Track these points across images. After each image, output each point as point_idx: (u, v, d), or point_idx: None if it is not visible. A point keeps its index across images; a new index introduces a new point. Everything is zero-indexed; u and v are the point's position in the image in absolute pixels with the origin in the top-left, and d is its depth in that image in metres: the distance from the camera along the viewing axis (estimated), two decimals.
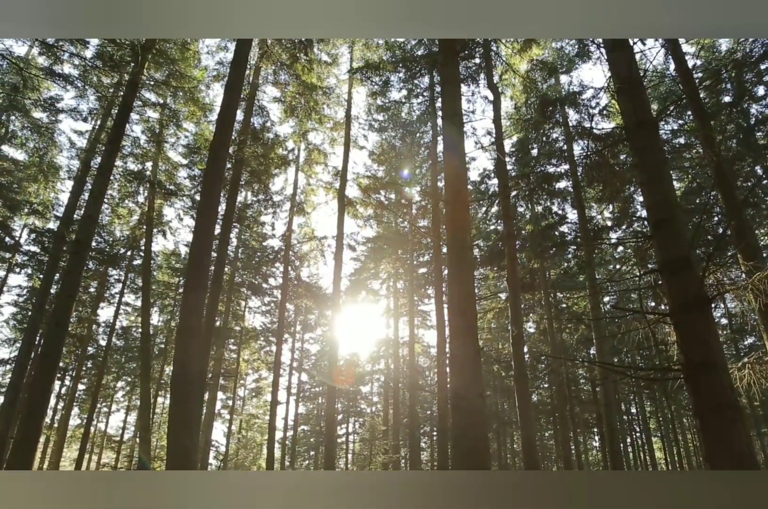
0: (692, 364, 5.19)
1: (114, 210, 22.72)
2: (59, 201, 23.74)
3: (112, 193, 21.34)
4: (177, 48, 17.71)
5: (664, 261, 5.74)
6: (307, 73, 18.49)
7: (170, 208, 23.76)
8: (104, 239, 26.99)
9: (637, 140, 6.44)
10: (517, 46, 17.06)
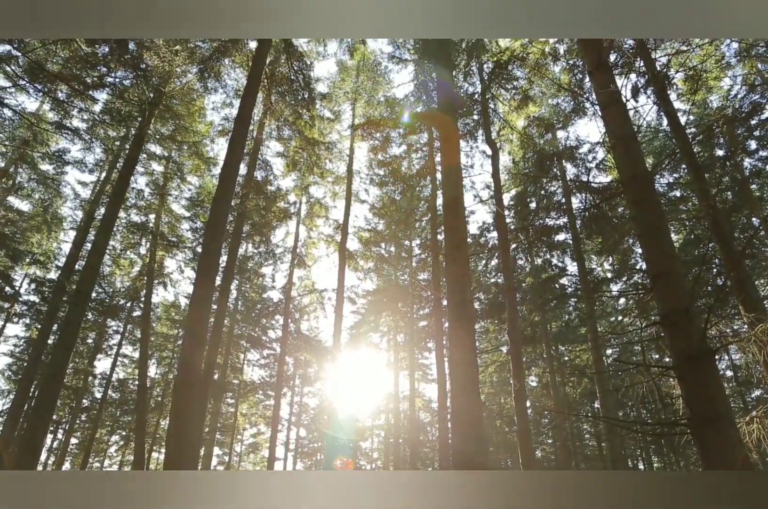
0: (698, 418, 5.03)
1: (115, 261, 22.79)
2: (61, 251, 23.88)
3: (114, 244, 21.47)
4: (183, 103, 18.14)
5: (665, 313, 5.65)
6: (309, 129, 18.83)
7: (171, 259, 23.86)
8: (105, 289, 26.94)
9: (634, 194, 6.43)
10: (514, 103, 17.45)
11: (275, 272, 26.83)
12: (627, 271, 20.37)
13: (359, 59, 22.26)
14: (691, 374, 5.31)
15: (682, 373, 5.41)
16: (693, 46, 14.17)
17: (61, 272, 20.48)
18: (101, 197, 20.62)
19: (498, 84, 17.30)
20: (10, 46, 11.82)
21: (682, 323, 5.47)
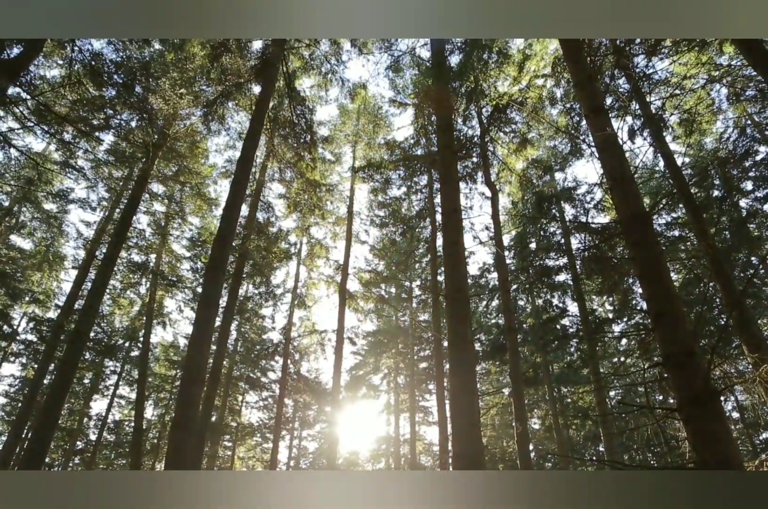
0: (705, 462, 4.92)
1: (115, 301, 22.71)
2: (61, 290, 23.81)
3: (114, 283, 21.44)
4: (187, 145, 18.40)
5: (668, 354, 5.55)
6: (311, 171, 19.01)
7: (171, 299, 23.78)
8: (103, 329, 26.71)
9: (632, 234, 6.41)
10: (512, 146, 17.68)
11: (275, 312, 26.83)
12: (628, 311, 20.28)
13: (360, 103, 22.65)
14: (697, 416, 5.18)
15: (687, 415, 5.28)
16: (686, 89, 14.47)
17: (61, 312, 20.39)
18: (103, 236, 20.71)
19: (497, 127, 17.56)
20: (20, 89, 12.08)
21: (686, 364, 5.37)
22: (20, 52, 10.73)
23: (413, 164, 19.58)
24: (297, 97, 16.59)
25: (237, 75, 15.65)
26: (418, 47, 15.86)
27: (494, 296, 22.37)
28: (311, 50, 17.00)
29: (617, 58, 12.62)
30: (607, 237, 13.57)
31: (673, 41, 12.51)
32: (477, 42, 14.95)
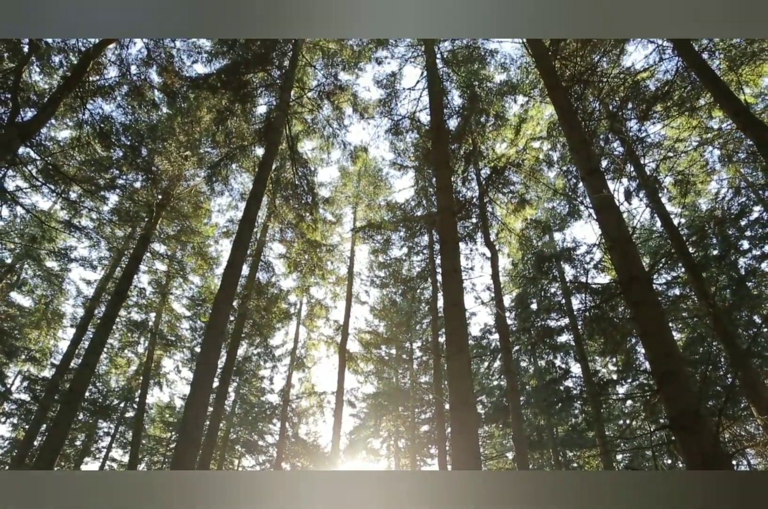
0: None
1: (112, 360, 22.46)
2: (58, 348, 23.53)
3: (112, 342, 21.27)
4: (190, 205, 18.68)
5: (674, 416, 5.41)
6: (311, 232, 19.18)
7: (169, 359, 23.51)
8: (98, 389, 26.16)
9: (633, 295, 6.37)
10: (511, 206, 17.93)
11: (274, 374, 26.41)
12: (632, 372, 20.01)
13: (361, 166, 23.16)
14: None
15: None
16: (679, 152, 14.85)
17: (56, 370, 20.11)
18: (103, 294, 20.72)
19: (495, 188, 17.85)
20: (31, 150, 12.44)
21: (693, 427, 5.22)
22: (34, 115, 11.12)
23: (413, 225, 19.78)
24: (299, 159, 16.96)
25: (241, 138, 16.08)
26: (417, 111, 16.34)
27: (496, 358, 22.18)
28: (314, 114, 17.52)
29: (611, 122, 13.00)
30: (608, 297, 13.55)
31: (664, 106, 12.95)
32: (475, 106, 15.42)
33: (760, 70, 14.16)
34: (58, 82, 13.56)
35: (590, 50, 12.42)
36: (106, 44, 12.48)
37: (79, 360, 16.83)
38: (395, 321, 24.96)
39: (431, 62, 13.92)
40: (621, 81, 12.91)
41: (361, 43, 16.94)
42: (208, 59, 15.31)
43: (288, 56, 15.79)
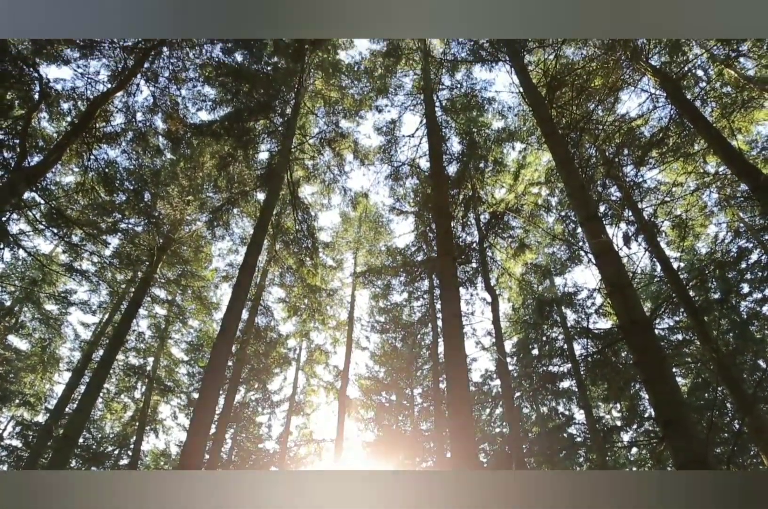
0: None
1: (108, 405, 22.12)
2: (53, 393, 23.17)
3: (108, 387, 21.01)
4: (191, 249, 18.80)
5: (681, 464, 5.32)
6: (312, 277, 19.20)
7: (166, 405, 23.18)
8: (93, 435, 25.60)
9: (635, 340, 6.30)
10: (511, 251, 18.00)
11: (272, 420, 25.96)
12: (637, 418, 19.70)
13: (361, 211, 23.38)
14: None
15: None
16: (676, 196, 15.04)
17: (50, 415, 19.79)
18: (101, 338, 20.59)
19: (495, 233, 17.95)
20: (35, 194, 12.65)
21: None
22: (40, 160, 11.35)
23: (414, 270, 19.81)
24: (300, 204, 17.15)
25: (243, 183, 16.31)
26: (417, 158, 16.62)
27: (498, 404, 21.89)
28: (315, 161, 17.83)
29: (607, 168, 13.23)
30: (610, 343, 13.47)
31: (659, 152, 13.22)
32: (474, 152, 15.71)
33: (752, 117, 14.51)
34: (66, 128, 13.87)
35: (585, 99, 12.74)
36: (114, 92, 12.83)
37: (74, 405, 16.62)
38: (396, 367, 24.73)
39: (430, 110, 14.25)
40: (616, 128, 13.19)
41: (362, 92, 17.40)
42: (212, 107, 15.69)
43: (290, 104, 16.18)
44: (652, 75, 12.75)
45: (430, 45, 16.47)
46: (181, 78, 14.69)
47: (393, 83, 16.98)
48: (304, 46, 15.95)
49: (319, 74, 17.34)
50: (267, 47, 15.59)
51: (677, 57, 13.81)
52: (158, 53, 14.00)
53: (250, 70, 15.22)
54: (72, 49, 12.92)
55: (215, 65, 14.89)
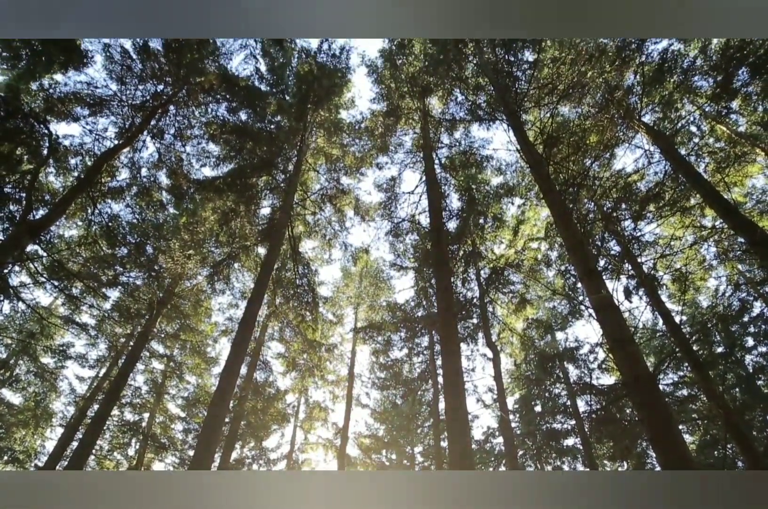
0: None
1: (100, 462, 21.42)
2: (44, 449, 22.53)
3: (102, 443, 20.45)
4: (191, 304, 18.71)
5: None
6: (312, 332, 19.03)
7: (160, 463, 22.50)
8: None
9: (639, 396, 6.15)
10: (512, 306, 17.92)
11: None
12: None
13: (362, 266, 23.43)
14: None
15: None
16: (675, 250, 15.07)
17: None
18: (97, 393, 20.21)
19: (495, 288, 17.92)
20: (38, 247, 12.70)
21: None
22: (46, 213, 11.44)
23: (414, 326, 19.68)
24: (301, 259, 17.18)
25: (244, 238, 16.39)
26: (417, 214, 16.77)
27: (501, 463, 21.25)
28: (316, 216, 17.99)
29: (606, 223, 13.34)
30: (614, 399, 13.23)
31: (656, 207, 13.35)
32: (473, 208, 15.86)
33: (746, 171, 14.75)
34: (72, 182, 14.09)
35: (581, 155, 12.97)
36: (121, 148, 13.09)
37: (65, 462, 16.14)
38: (396, 425, 24.20)
39: (430, 167, 14.47)
40: (613, 183, 13.38)
41: (362, 150, 17.73)
42: (215, 163, 15.98)
43: (292, 161, 16.47)
44: (646, 132, 13.03)
45: (429, 105, 16.89)
46: (186, 135, 15.04)
47: (393, 142, 17.33)
48: (307, 106, 16.38)
49: (321, 132, 17.72)
50: (271, 106, 16.00)
51: (670, 113, 14.17)
52: (165, 111, 14.37)
53: (254, 128, 15.57)
54: (82, 107, 13.29)
55: (220, 123, 15.24)
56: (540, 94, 13.16)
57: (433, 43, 15.26)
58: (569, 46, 13.66)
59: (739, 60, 12.26)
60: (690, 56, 13.38)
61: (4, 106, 11.20)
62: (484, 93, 14.21)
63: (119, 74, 13.41)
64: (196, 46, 13.08)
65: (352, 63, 18.06)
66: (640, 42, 12.56)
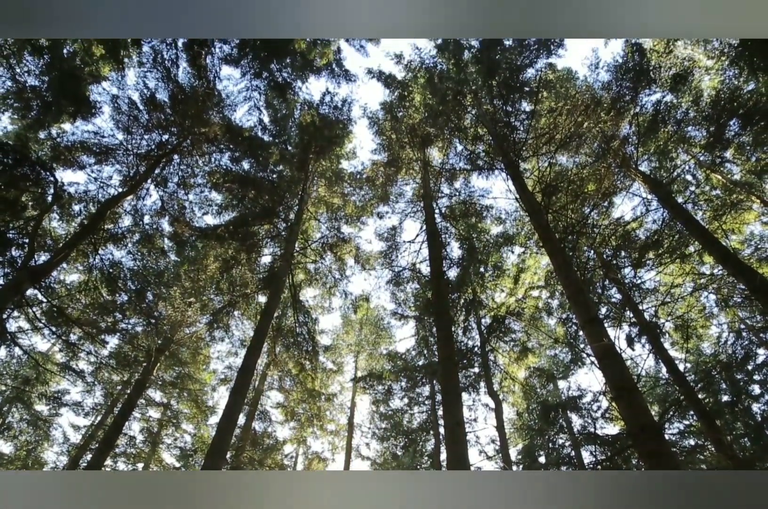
0: None
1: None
2: None
3: None
4: (189, 351, 18.48)
5: None
6: (311, 381, 18.80)
7: None
8: None
9: (645, 446, 6.00)
10: (513, 355, 17.71)
11: None
12: None
13: (362, 315, 23.28)
14: None
15: None
16: (676, 297, 14.99)
17: None
18: (91, 442, 19.68)
19: (496, 337, 17.75)
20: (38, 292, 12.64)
21: None
22: (47, 259, 11.41)
23: (415, 375, 19.42)
24: (301, 307, 17.05)
25: (245, 286, 16.32)
26: (417, 263, 16.74)
27: None
28: (316, 265, 17.97)
29: (606, 270, 13.30)
30: (620, 449, 12.89)
31: (656, 254, 13.35)
32: (473, 256, 15.86)
33: (742, 218, 14.83)
34: (75, 228, 14.14)
35: (580, 203, 13.05)
36: (125, 196, 13.18)
37: None
38: None
39: (430, 217, 14.53)
40: (612, 231, 13.41)
41: (363, 199, 17.87)
42: (218, 211, 16.08)
43: (294, 210, 16.57)
44: (643, 181, 13.16)
45: (429, 155, 17.12)
46: (189, 183, 15.19)
47: (394, 191, 17.47)
48: (309, 156, 16.60)
49: (322, 182, 17.91)
50: (273, 156, 16.21)
51: (665, 162, 14.36)
52: (169, 160, 14.56)
53: (256, 177, 15.74)
54: (88, 156, 13.47)
55: (223, 172, 15.42)
56: (538, 144, 13.35)
57: (432, 95, 15.59)
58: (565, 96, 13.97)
59: (730, 111, 12.51)
60: (683, 107, 13.66)
61: (12, 155, 11.34)
62: (482, 143, 14.42)
63: (126, 124, 13.64)
64: (202, 97, 13.33)
65: (354, 115, 18.40)
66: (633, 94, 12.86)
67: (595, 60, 13.56)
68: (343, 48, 15.39)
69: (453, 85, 14.73)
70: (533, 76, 13.90)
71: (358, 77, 13.88)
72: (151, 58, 11.51)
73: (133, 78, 35.13)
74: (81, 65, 12.63)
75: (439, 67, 15.97)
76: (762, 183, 15.54)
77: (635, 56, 12.81)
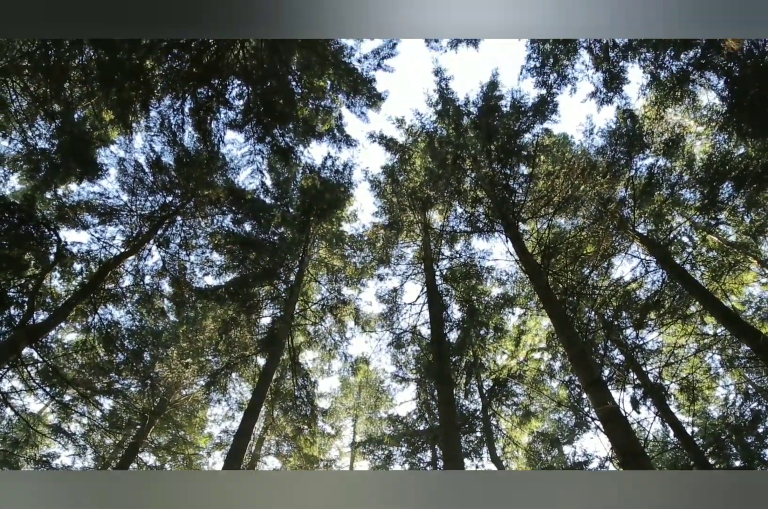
0: None
1: None
2: None
3: None
4: (185, 414, 18.01)
5: None
6: (309, 446, 18.26)
7: None
8: None
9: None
10: (516, 419, 17.26)
11: None
12: None
13: (362, 377, 22.82)
14: None
15: None
16: (679, 358, 14.71)
17: None
18: None
19: (498, 401, 17.36)
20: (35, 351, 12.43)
21: None
22: (46, 318, 11.30)
23: (416, 440, 18.87)
24: (300, 370, 16.75)
25: (244, 348, 16.10)
26: (418, 325, 16.57)
27: None
28: (316, 327, 17.78)
29: (607, 332, 13.13)
30: None
31: (657, 314, 13.23)
32: (474, 319, 15.71)
33: (741, 279, 14.78)
34: (75, 288, 14.08)
35: (579, 265, 13.05)
36: (127, 256, 13.21)
37: None
38: None
39: (431, 279, 14.50)
40: (612, 292, 13.34)
41: (364, 261, 17.88)
42: (218, 272, 16.05)
43: (294, 271, 16.55)
44: (641, 242, 13.19)
45: (429, 218, 17.25)
46: (191, 245, 15.24)
47: (394, 253, 17.51)
48: (310, 218, 16.73)
49: (323, 244, 17.98)
50: (275, 218, 16.34)
51: (661, 225, 14.45)
52: (172, 221, 14.67)
53: (258, 238, 15.81)
54: (92, 216, 13.58)
55: (225, 234, 15.50)
56: (536, 206, 13.48)
57: (432, 158, 15.87)
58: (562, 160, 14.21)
59: (723, 174, 12.68)
60: (676, 171, 13.88)
61: (18, 214, 11.43)
62: (482, 205, 14.56)
63: (131, 186, 13.86)
64: (206, 161, 13.57)
65: (355, 178, 18.68)
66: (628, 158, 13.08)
67: (589, 126, 13.87)
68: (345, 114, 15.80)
69: (452, 149, 15.01)
70: (530, 140, 14.17)
71: (359, 142, 14.14)
72: (158, 122, 11.75)
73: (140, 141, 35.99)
74: (90, 129, 12.93)
75: (439, 132, 16.33)
76: (757, 244, 15.62)
77: (627, 122, 13.10)
